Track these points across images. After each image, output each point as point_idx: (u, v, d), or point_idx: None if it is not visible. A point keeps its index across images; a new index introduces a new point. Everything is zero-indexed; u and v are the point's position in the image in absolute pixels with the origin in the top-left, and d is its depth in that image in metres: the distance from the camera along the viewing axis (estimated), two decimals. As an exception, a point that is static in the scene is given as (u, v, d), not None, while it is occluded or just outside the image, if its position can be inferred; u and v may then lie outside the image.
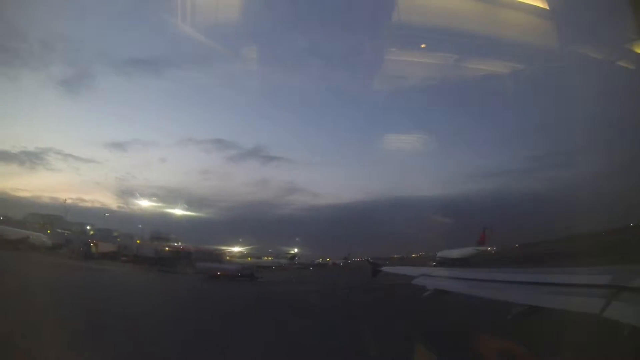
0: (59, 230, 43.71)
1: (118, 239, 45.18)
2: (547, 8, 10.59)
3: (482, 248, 45.31)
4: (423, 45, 13.15)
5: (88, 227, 50.17)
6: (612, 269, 3.53)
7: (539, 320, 4.59)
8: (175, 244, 44.85)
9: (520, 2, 11.29)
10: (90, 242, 39.25)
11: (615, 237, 20.14)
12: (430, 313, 11.35)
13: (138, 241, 44.51)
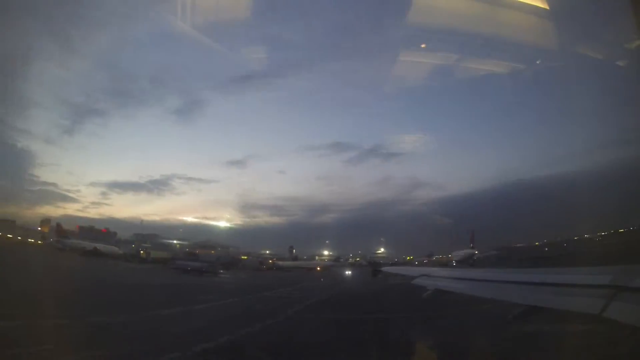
0: (144, 245, 53.05)
1: (177, 247, 53.90)
2: (547, 8, 10.60)
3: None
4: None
5: (175, 242, 57.06)
6: (612, 269, 3.52)
7: (539, 320, 4.59)
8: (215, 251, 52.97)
9: (520, 2, 11.30)
10: (140, 251, 50.87)
11: None
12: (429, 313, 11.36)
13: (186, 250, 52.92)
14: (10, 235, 44.93)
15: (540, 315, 3.93)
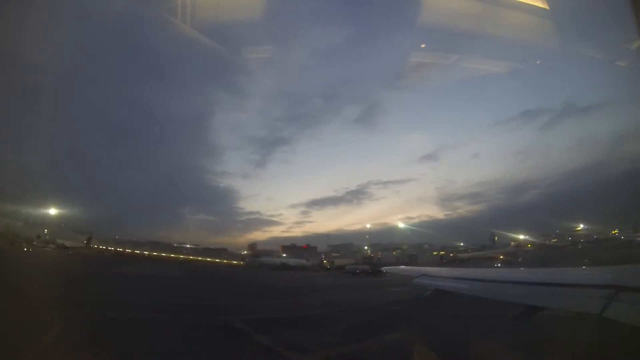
0: (334, 255, 58.12)
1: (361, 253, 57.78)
2: (547, 8, 10.61)
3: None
4: None
5: (365, 247, 60.29)
6: (612, 269, 3.52)
7: (539, 320, 4.59)
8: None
9: (520, 2, 11.30)
10: (324, 261, 56.69)
11: None
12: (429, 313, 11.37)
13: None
14: (222, 260, 57.01)
15: (541, 315, 3.93)
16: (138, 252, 53.83)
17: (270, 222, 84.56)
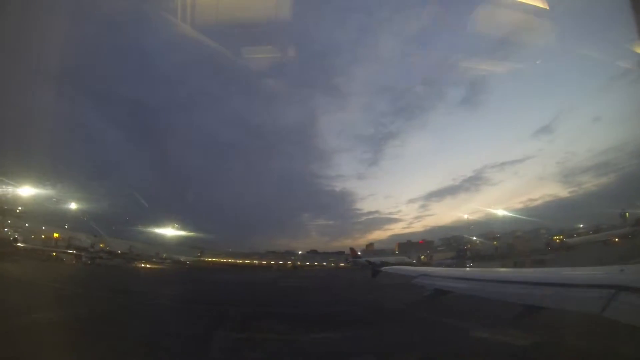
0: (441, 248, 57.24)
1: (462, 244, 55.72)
2: (547, 8, 10.61)
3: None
4: None
5: (474, 238, 55.93)
6: (612, 269, 3.52)
7: (539, 320, 4.59)
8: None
9: (520, 2, 11.31)
10: (420, 257, 55.53)
11: None
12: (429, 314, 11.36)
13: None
14: (330, 262, 60.06)
15: (541, 315, 3.93)
16: (241, 261, 57.86)
17: (390, 220, 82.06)
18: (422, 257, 54.76)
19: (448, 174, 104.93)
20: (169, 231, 49.34)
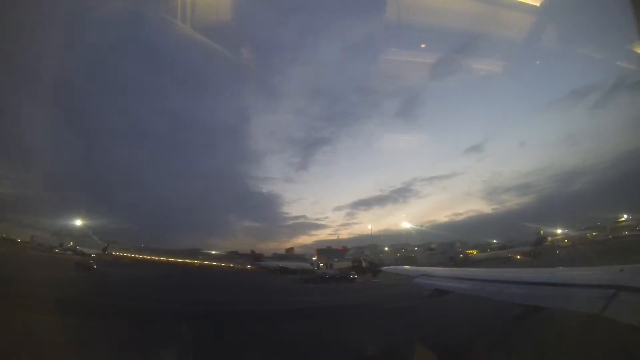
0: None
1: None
2: (547, 8, 10.60)
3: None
4: None
5: (386, 249, 59.80)
6: (612, 269, 3.52)
7: (539, 320, 4.59)
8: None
9: (520, 2, 11.31)
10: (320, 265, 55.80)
11: None
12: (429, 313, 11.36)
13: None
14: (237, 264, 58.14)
15: (541, 315, 3.93)
16: (149, 257, 54.96)
17: (317, 226, 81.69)
18: (321, 264, 55.13)
19: (377, 184, 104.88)
20: (81, 222, 47.00)
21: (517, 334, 7.31)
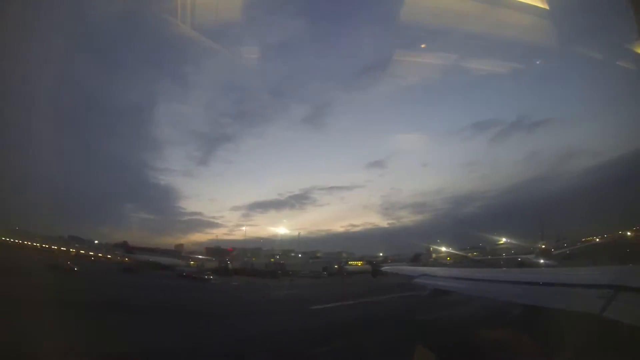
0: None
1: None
2: (547, 8, 10.60)
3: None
4: None
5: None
6: (612, 269, 3.53)
7: (539, 320, 4.59)
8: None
9: (520, 2, 11.30)
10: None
11: None
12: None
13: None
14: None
15: (541, 315, 3.94)
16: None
17: (212, 224, 77.94)
18: (192, 262, 52.04)
19: (276, 188, 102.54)
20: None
21: (517, 333, 7.31)
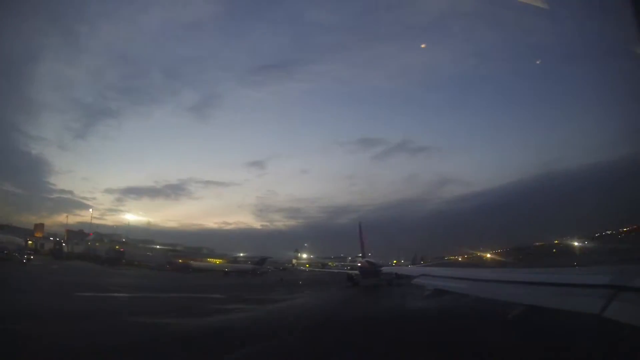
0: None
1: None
2: (547, 8, 10.61)
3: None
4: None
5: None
6: (612, 269, 3.52)
7: (539, 320, 4.59)
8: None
9: (520, 1, 11.32)
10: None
11: None
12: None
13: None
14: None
15: (540, 315, 3.93)
16: None
17: (83, 205, 68.23)
18: (30, 242, 46.42)
19: (153, 175, 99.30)
20: None
21: (517, 334, 7.31)
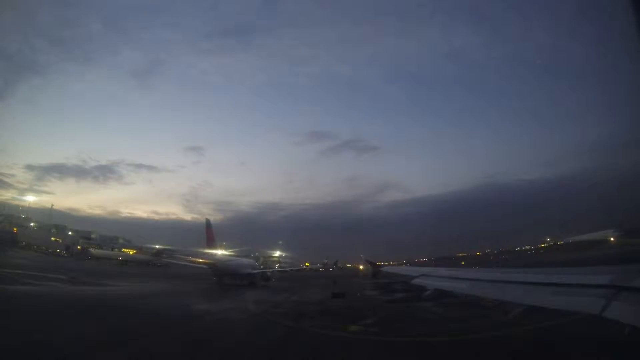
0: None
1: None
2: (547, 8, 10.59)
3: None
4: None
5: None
6: (612, 269, 3.52)
7: (539, 320, 4.59)
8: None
9: (520, 1, 11.28)
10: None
11: None
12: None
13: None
14: None
15: (540, 315, 3.93)
16: None
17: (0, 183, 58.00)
18: None
19: (81, 152, 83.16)
20: None
21: (517, 334, 7.32)
